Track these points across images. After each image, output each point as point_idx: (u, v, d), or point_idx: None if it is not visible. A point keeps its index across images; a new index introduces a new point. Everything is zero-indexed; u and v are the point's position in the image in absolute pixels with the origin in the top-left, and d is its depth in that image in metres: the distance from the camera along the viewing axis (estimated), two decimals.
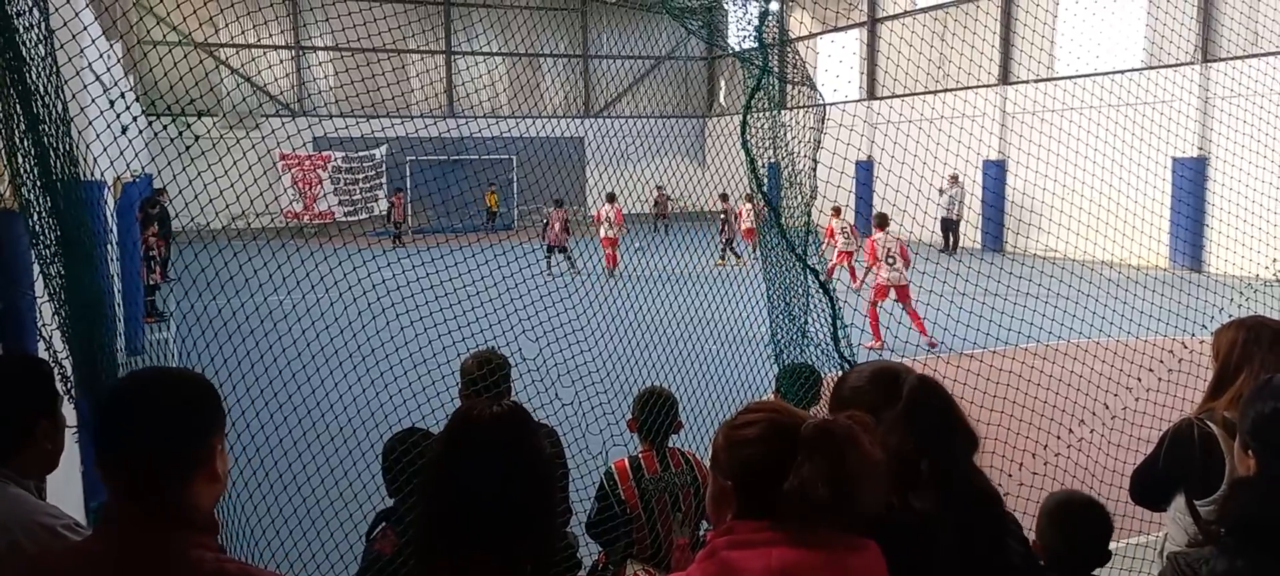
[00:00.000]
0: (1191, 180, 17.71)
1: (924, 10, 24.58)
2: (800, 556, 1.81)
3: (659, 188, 28.60)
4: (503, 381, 3.92)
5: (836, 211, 16.56)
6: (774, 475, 1.84)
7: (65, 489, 3.73)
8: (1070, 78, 19.98)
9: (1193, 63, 18.04)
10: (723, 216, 21.41)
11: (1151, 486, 3.32)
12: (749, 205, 17.89)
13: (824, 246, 16.07)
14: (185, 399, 1.88)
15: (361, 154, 27.99)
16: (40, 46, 2.95)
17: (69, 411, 2.70)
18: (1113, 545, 3.19)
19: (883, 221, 12.52)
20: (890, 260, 12.18)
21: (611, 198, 20.42)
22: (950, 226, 22.47)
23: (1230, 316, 3.29)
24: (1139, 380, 6.89)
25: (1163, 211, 17.78)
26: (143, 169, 16.23)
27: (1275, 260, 9.02)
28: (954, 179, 22.30)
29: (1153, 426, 4.39)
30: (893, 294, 12.26)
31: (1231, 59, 17.10)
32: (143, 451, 1.81)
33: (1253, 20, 17.00)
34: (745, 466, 1.90)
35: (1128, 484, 3.37)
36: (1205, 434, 3.14)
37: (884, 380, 2.25)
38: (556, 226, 19.56)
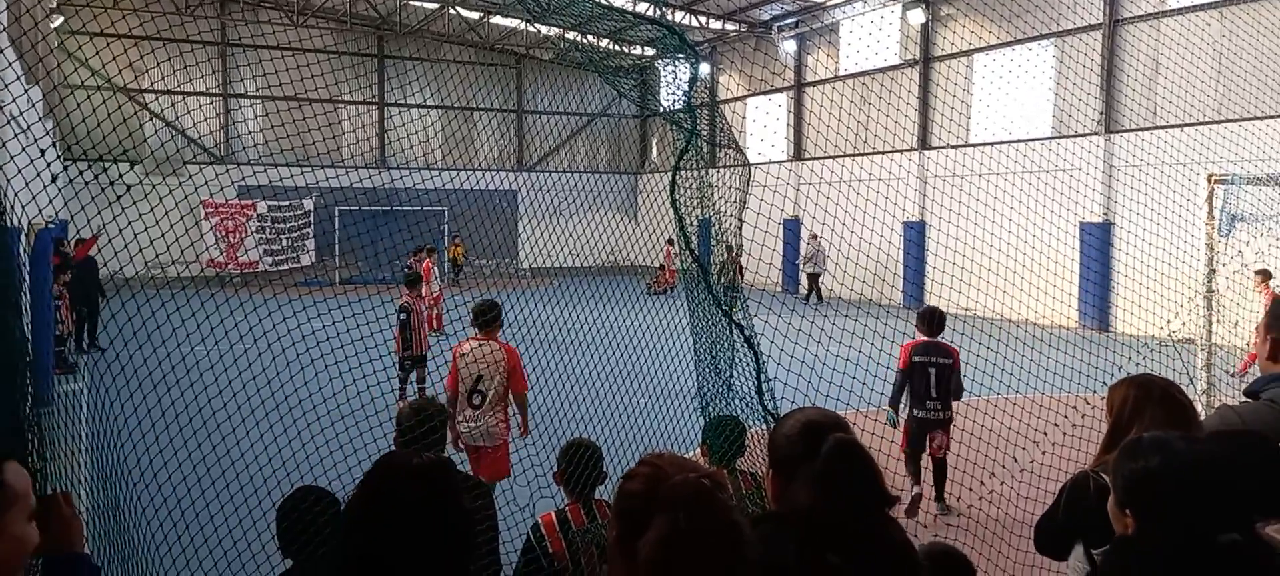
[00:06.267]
0: (1098, 244, 18.55)
1: (847, 77, 25.48)
2: None
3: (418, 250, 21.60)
4: (435, 431, 3.94)
5: (1263, 275, 12.26)
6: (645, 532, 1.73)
7: None
8: (984, 144, 20.89)
9: (1097, 133, 19.03)
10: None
11: (1053, 536, 3.48)
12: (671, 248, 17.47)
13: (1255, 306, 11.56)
14: None
15: (289, 203, 27.52)
16: None
17: None
18: None
19: None
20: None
21: (430, 251, 18.13)
22: (813, 280, 24.00)
23: (1127, 373, 3.50)
24: (1046, 434, 7.19)
25: (1072, 273, 18.57)
26: (57, 215, 15.74)
27: (1169, 321, 9.52)
28: (813, 237, 23.71)
29: (1059, 479, 4.60)
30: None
31: (1133, 130, 18.09)
32: None
33: (1151, 95, 18.06)
34: (623, 519, 1.81)
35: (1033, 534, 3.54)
36: (1100, 486, 3.31)
37: (810, 434, 2.25)
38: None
